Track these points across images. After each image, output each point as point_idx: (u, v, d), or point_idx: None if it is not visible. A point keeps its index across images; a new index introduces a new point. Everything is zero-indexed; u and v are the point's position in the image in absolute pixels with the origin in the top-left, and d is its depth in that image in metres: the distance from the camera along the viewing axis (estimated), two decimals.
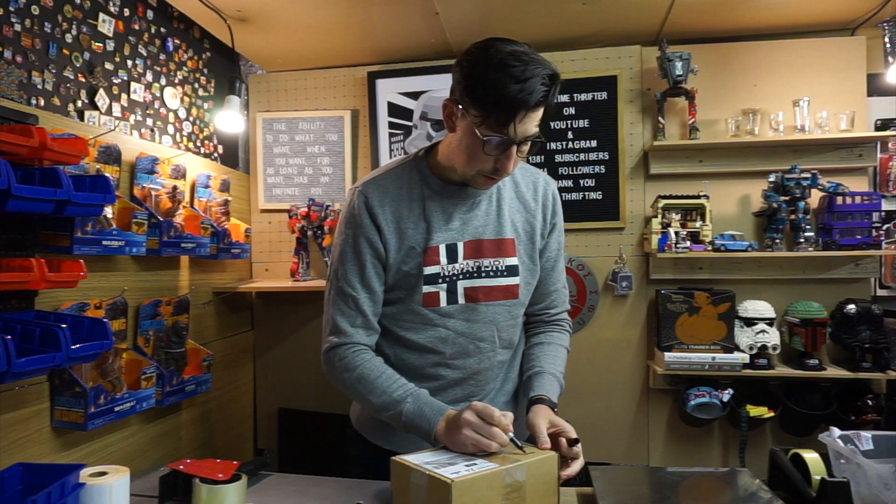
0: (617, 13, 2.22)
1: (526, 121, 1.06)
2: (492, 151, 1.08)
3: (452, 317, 1.22)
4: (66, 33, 1.72)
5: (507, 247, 1.23)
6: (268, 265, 2.68)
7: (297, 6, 2.10)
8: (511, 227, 1.25)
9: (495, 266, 1.23)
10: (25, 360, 1.20)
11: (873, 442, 1.11)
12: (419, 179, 1.23)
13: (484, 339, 1.24)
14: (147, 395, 1.73)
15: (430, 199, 1.21)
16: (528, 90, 1.01)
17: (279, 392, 2.67)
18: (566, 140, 2.44)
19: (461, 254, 1.21)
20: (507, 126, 1.05)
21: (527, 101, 1.02)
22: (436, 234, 1.20)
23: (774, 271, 2.29)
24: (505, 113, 1.04)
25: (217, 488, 1.05)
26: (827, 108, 2.21)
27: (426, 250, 1.19)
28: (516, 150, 1.09)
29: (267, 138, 2.66)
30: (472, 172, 1.14)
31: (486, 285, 1.22)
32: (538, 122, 1.08)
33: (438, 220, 1.21)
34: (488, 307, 1.23)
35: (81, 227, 1.50)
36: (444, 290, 1.20)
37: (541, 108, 1.06)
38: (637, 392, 2.42)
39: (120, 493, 1.07)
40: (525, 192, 1.28)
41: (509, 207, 1.25)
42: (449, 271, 1.20)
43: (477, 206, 1.23)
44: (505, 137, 1.06)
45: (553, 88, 1.05)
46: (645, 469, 1.96)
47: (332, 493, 1.23)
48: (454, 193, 1.22)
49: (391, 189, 1.22)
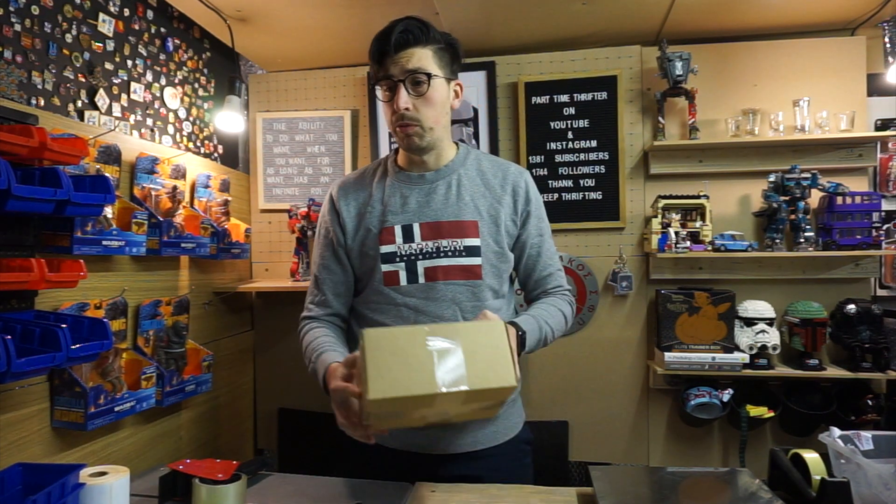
0: (617, 13, 2.22)
1: (399, 59, 1.21)
2: (385, 96, 1.25)
3: (413, 296, 1.28)
4: (66, 33, 1.72)
5: (467, 228, 1.29)
6: (268, 265, 2.68)
7: (297, 6, 2.10)
8: (473, 209, 1.31)
9: (454, 246, 1.28)
10: (25, 360, 1.20)
11: (873, 442, 1.11)
12: (381, 170, 1.38)
13: (445, 318, 1.27)
14: (147, 395, 1.73)
15: (390, 187, 1.34)
16: (383, 32, 1.22)
17: (279, 392, 2.67)
18: (566, 140, 2.44)
19: (417, 234, 1.29)
20: (381, 66, 1.23)
21: (381, 39, 1.22)
22: (391, 216, 1.31)
23: (774, 271, 2.29)
24: (377, 56, 1.24)
25: (217, 488, 1.05)
26: (827, 108, 2.21)
27: (381, 231, 1.30)
28: (405, 88, 1.22)
29: (267, 138, 2.66)
30: (392, 130, 1.28)
31: (445, 264, 1.28)
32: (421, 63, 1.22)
33: (395, 203, 1.32)
34: (447, 286, 1.27)
35: (81, 227, 1.50)
36: (402, 269, 1.28)
37: (409, 49, 1.21)
38: (637, 392, 2.42)
39: (120, 493, 1.07)
40: (492, 179, 1.35)
41: (471, 192, 1.32)
42: (406, 251, 1.29)
43: (434, 191, 1.32)
44: (385, 77, 1.23)
45: (405, 28, 1.21)
46: (645, 469, 1.96)
47: (332, 493, 1.23)
48: (412, 180, 1.33)
49: (356, 181, 1.39)
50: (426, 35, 1.23)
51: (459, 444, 1.29)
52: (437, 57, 1.25)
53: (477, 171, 1.36)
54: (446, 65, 1.27)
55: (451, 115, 1.34)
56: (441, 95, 1.26)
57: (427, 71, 1.22)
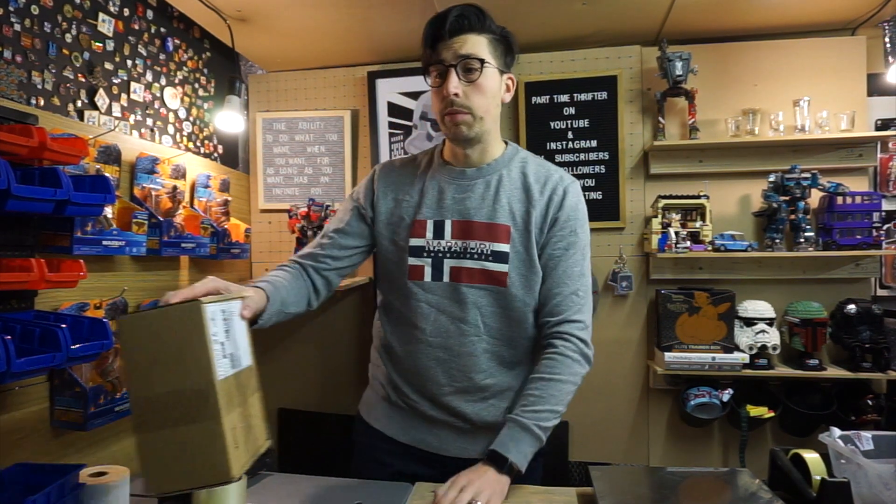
0: (617, 13, 2.22)
1: (450, 44, 1.17)
2: (435, 81, 1.20)
3: (436, 293, 1.24)
4: (66, 33, 1.72)
5: (498, 232, 1.23)
6: (268, 265, 2.68)
7: (297, 6, 2.10)
8: (508, 213, 1.24)
9: (481, 249, 1.22)
10: (25, 360, 1.19)
11: (874, 442, 1.11)
12: (427, 161, 1.33)
13: (466, 321, 1.22)
14: None
15: (430, 178, 1.29)
16: (436, 17, 1.19)
17: (279, 392, 2.67)
18: (566, 140, 2.44)
19: (448, 231, 1.24)
20: (434, 51, 1.19)
21: (434, 24, 1.18)
22: (426, 208, 1.26)
23: (774, 271, 2.29)
24: (430, 40, 1.20)
25: (217, 489, 1.05)
26: (827, 108, 2.21)
27: (414, 222, 1.26)
28: (456, 74, 1.17)
29: (267, 138, 2.66)
30: (440, 119, 1.22)
31: (471, 267, 1.22)
32: (475, 49, 1.18)
33: (431, 196, 1.27)
34: (470, 289, 1.22)
35: (81, 227, 1.50)
36: (429, 265, 1.24)
37: (462, 35, 1.17)
38: (637, 392, 2.42)
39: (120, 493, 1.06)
40: (533, 183, 1.26)
41: (509, 195, 1.25)
42: (434, 247, 1.24)
43: (472, 188, 1.26)
44: (436, 62, 1.19)
45: (464, 13, 1.17)
46: (645, 469, 1.96)
47: (332, 493, 1.23)
48: (453, 175, 1.28)
49: (400, 167, 1.35)
50: (482, 22, 1.19)
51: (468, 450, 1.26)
52: (492, 46, 1.20)
53: (520, 173, 1.27)
54: (500, 56, 1.22)
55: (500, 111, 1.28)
56: (493, 85, 1.21)
57: (480, 57, 1.18)
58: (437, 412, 1.28)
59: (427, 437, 1.29)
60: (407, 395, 1.29)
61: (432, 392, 1.27)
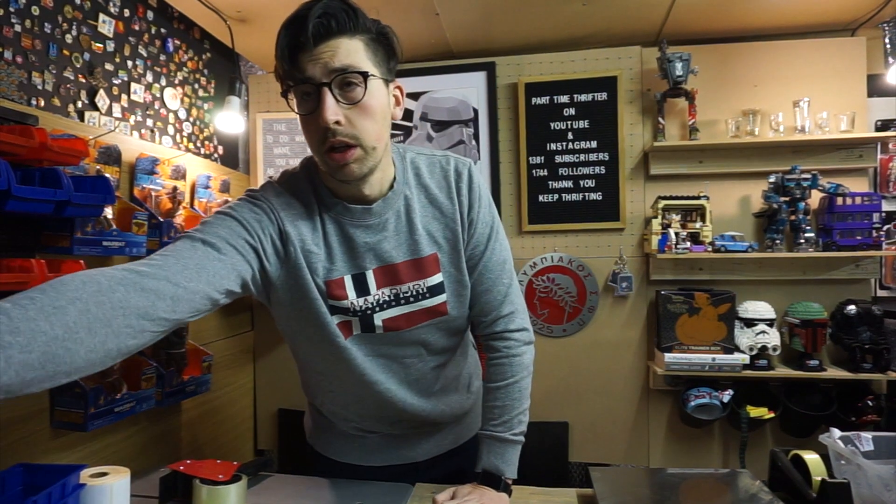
0: (617, 13, 2.22)
1: (320, 55, 0.89)
2: (305, 107, 0.92)
3: (371, 343, 1.08)
4: (67, 34, 1.72)
5: (427, 265, 1.07)
6: None
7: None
8: (429, 240, 1.07)
9: (415, 290, 1.06)
10: None
11: (874, 443, 1.11)
12: (312, 195, 1.04)
13: (409, 356, 1.13)
14: (147, 395, 1.73)
15: (329, 222, 1.03)
16: (301, 17, 0.91)
17: (279, 392, 2.67)
18: (566, 141, 2.44)
19: (372, 284, 1.04)
20: (294, 66, 0.90)
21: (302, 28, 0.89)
22: (338, 263, 1.03)
23: (775, 272, 2.29)
24: (287, 51, 0.91)
25: (217, 489, 1.05)
26: (827, 108, 2.21)
27: (328, 283, 1.02)
28: (332, 94, 0.90)
29: (267, 139, 2.66)
30: (319, 153, 0.95)
31: (406, 312, 1.07)
32: (351, 59, 0.91)
33: (339, 247, 1.03)
34: (411, 332, 1.09)
35: (81, 228, 1.50)
36: (357, 323, 1.06)
37: (331, 41, 0.90)
38: (637, 393, 2.42)
39: (120, 493, 1.06)
40: (437, 193, 1.08)
41: (422, 218, 1.07)
42: (361, 305, 1.04)
43: (384, 226, 1.04)
44: (300, 78, 0.90)
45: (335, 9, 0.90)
46: (645, 470, 1.96)
47: (332, 493, 1.23)
48: (356, 215, 1.03)
49: (300, 203, 1.03)
50: (354, 21, 0.91)
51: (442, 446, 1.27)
52: (371, 51, 0.94)
53: (419, 187, 1.08)
54: (382, 61, 0.97)
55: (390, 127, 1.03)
56: (382, 101, 0.97)
57: (361, 69, 0.91)
58: (402, 429, 1.25)
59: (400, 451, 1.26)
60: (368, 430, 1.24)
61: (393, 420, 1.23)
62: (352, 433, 1.25)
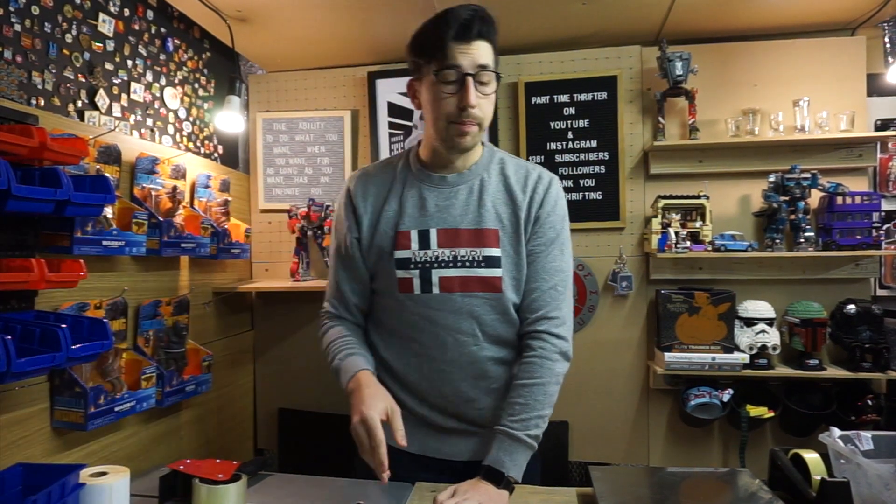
0: (617, 13, 2.22)
1: (465, 50, 1.11)
2: (448, 88, 1.13)
3: (428, 306, 1.20)
4: (66, 33, 1.72)
5: (487, 237, 1.20)
6: (268, 265, 2.69)
7: (297, 7, 2.10)
8: (494, 217, 1.21)
9: (472, 256, 1.20)
10: (25, 360, 1.19)
11: (873, 442, 1.11)
12: (403, 167, 1.28)
13: (463, 331, 1.20)
14: (147, 395, 1.73)
15: (410, 186, 1.25)
16: (450, 18, 1.11)
17: (279, 392, 2.67)
18: (566, 140, 2.44)
19: (434, 241, 1.20)
20: (446, 55, 1.11)
21: (450, 26, 1.11)
22: (407, 218, 1.22)
23: (774, 271, 2.29)
24: (439, 42, 1.12)
25: (217, 488, 1.05)
26: (827, 108, 2.21)
27: (397, 234, 1.22)
28: (473, 84, 1.12)
29: (267, 138, 2.66)
30: (443, 125, 1.16)
31: (462, 275, 1.19)
32: (487, 59, 1.13)
33: (413, 205, 1.23)
34: (464, 298, 1.20)
35: (81, 228, 1.50)
36: (417, 277, 1.20)
37: (476, 40, 1.12)
38: (637, 392, 2.42)
39: (120, 493, 1.07)
40: (514, 184, 1.24)
41: (493, 198, 1.23)
42: (421, 257, 1.20)
43: (455, 195, 1.23)
44: (452, 66, 1.11)
45: (477, 15, 1.11)
46: (645, 469, 1.96)
47: (332, 493, 1.23)
48: (434, 181, 1.24)
49: (375, 176, 1.30)
50: (494, 30, 1.15)
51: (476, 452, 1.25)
52: (495, 56, 1.17)
53: (500, 175, 1.26)
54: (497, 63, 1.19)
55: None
56: (495, 95, 1.19)
57: (495, 70, 1.15)
58: (447, 421, 1.26)
59: (438, 444, 1.27)
60: (413, 409, 1.27)
61: (438, 404, 1.25)
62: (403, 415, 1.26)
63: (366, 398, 1.11)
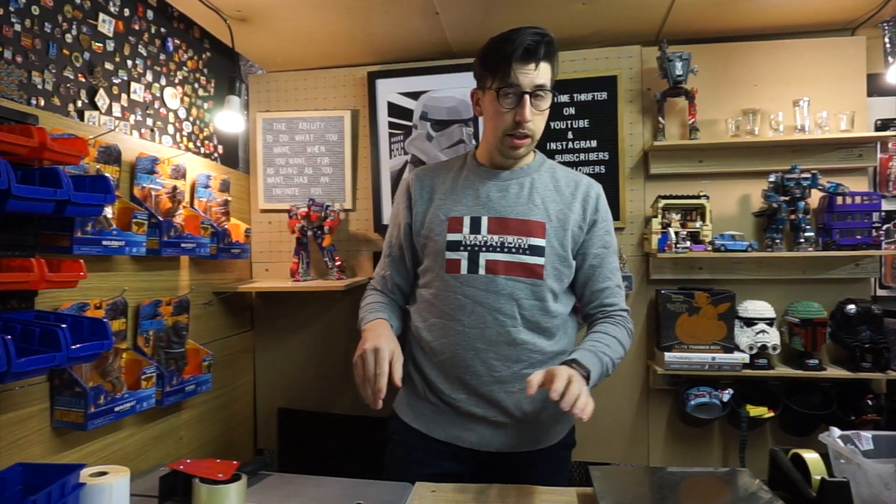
0: (617, 13, 2.22)
1: (527, 71, 1.23)
2: (507, 103, 1.26)
3: (472, 286, 1.30)
4: (66, 33, 1.72)
5: (534, 228, 1.31)
6: (268, 265, 2.69)
7: (297, 6, 2.10)
8: (542, 210, 1.33)
9: (518, 243, 1.30)
10: (25, 360, 1.19)
11: (873, 442, 1.11)
12: (461, 164, 1.44)
13: (503, 312, 1.28)
14: (147, 395, 1.73)
15: (466, 179, 1.39)
16: (517, 40, 1.23)
17: (279, 392, 2.67)
18: (566, 140, 2.44)
19: (485, 227, 1.32)
20: (508, 74, 1.23)
21: (515, 48, 1.22)
22: (462, 205, 1.35)
23: (774, 271, 2.29)
24: (504, 61, 1.23)
25: (217, 488, 1.05)
26: (827, 108, 2.21)
27: (450, 219, 1.34)
28: (530, 102, 1.24)
29: (267, 138, 2.66)
30: (499, 135, 1.30)
31: (508, 260, 1.30)
32: (545, 79, 1.26)
33: (468, 195, 1.37)
34: (507, 281, 1.29)
35: (81, 227, 1.50)
36: (465, 259, 1.31)
37: (538, 63, 1.24)
38: (637, 392, 2.42)
39: (120, 493, 1.07)
40: (564, 186, 1.38)
41: (542, 195, 1.35)
42: (471, 241, 1.31)
43: (507, 188, 1.35)
44: (513, 85, 1.23)
45: (543, 41, 1.23)
46: (645, 469, 1.96)
47: (332, 493, 1.23)
48: (489, 175, 1.38)
49: (434, 171, 1.45)
50: (555, 51, 1.27)
51: (503, 444, 1.32)
52: (553, 74, 1.29)
53: (551, 177, 1.39)
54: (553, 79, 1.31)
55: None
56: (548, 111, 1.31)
57: (551, 89, 1.28)
58: (476, 407, 1.31)
59: (465, 433, 1.32)
60: (443, 392, 1.33)
61: (471, 384, 1.30)
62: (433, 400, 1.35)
63: (380, 336, 1.22)
